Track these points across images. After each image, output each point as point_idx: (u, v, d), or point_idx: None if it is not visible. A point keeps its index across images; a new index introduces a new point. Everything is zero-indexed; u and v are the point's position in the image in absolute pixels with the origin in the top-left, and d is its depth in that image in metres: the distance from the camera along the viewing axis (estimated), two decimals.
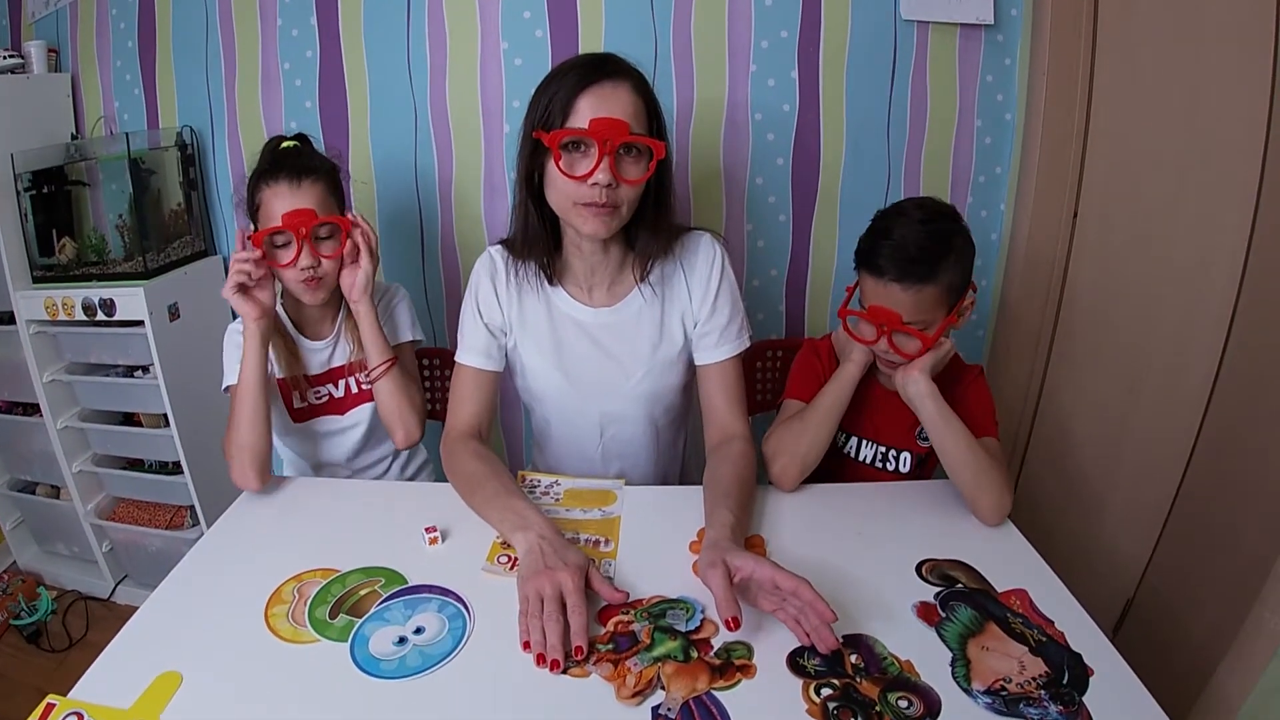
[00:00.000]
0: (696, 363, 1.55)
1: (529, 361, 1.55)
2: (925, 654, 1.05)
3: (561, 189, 1.33)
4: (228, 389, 1.58)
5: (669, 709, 0.97)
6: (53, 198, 2.24)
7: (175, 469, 2.34)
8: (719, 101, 2.11)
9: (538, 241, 1.44)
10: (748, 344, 1.55)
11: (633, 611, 1.12)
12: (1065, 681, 1.00)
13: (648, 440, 1.61)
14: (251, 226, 1.58)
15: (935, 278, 1.37)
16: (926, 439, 1.53)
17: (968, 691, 1.00)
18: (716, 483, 1.36)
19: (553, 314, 1.53)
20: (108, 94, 2.37)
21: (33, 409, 2.41)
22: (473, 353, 1.52)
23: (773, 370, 2.06)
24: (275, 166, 1.53)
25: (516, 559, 1.21)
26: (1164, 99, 1.77)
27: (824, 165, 2.16)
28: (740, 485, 1.35)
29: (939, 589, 1.18)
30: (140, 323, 2.12)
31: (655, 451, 1.64)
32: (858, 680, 1.00)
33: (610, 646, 1.06)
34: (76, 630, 2.47)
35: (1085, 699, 0.97)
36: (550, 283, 1.50)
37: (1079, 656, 1.04)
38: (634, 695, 0.98)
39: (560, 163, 1.30)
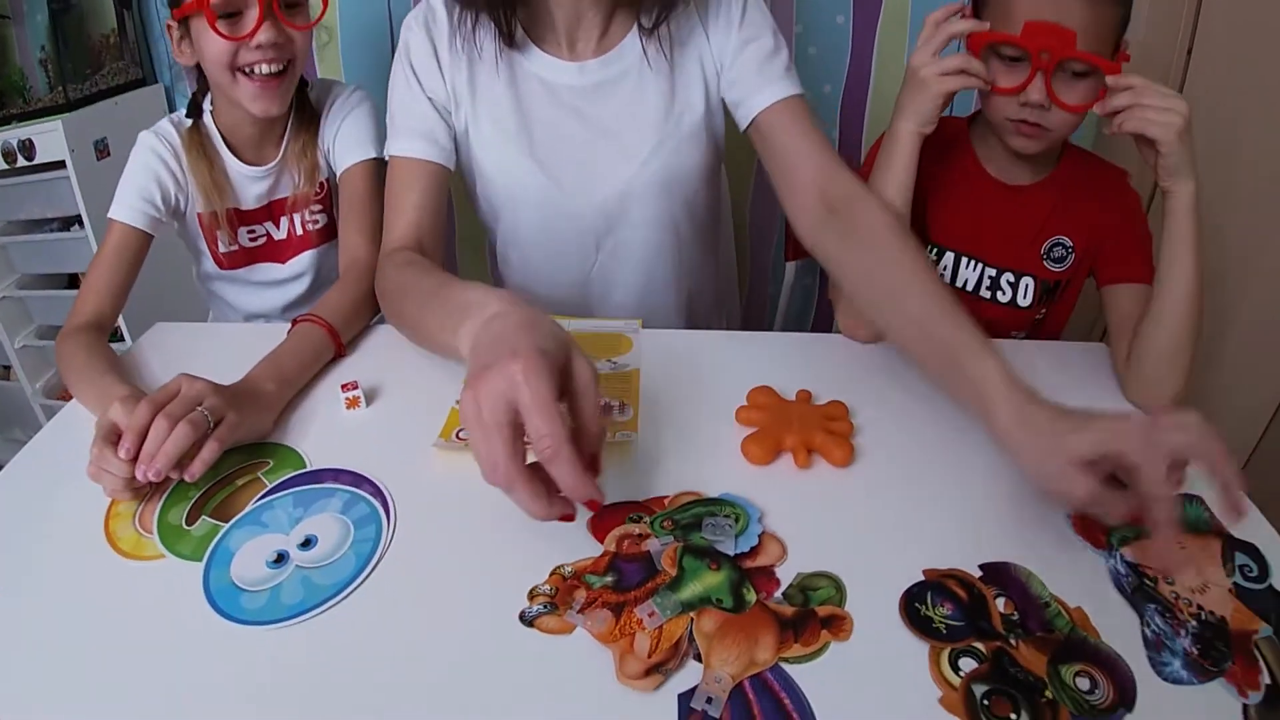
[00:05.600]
0: (745, 118, 1.14)
1: (485, 152, 1.16)
2: (1103, 598, 0.68)
3: None
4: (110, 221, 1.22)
5: (708, 699, 0.58)
6: None
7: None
8: None
9: None
10: (799, 87, 1.13)
11: (647, 518, 0.74)
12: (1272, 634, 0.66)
13: (666, 254, 1.23)
14: (177, 28, 1.17)
15: None
16: (1060, 260, 1.14)
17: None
18: (894, 286, 0.90)
19: (517, 78, 1.13)
20: None
21: None
22: (405, 137, 1.14)
23: None
24: None
25: None
26: None
27: None
28: (934, 277, 0.89)
29: None
30: (62, 163, 1.83)
31: (676, 270, 1.25)
32: (1013, 643, 0.63)
33: (609, 580, 0.68)
34: None
35: None
36: (512, 42, 1.10)
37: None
38: (647, 673, 0.59)
39: None
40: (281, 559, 0.71)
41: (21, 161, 1.87)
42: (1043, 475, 0.70)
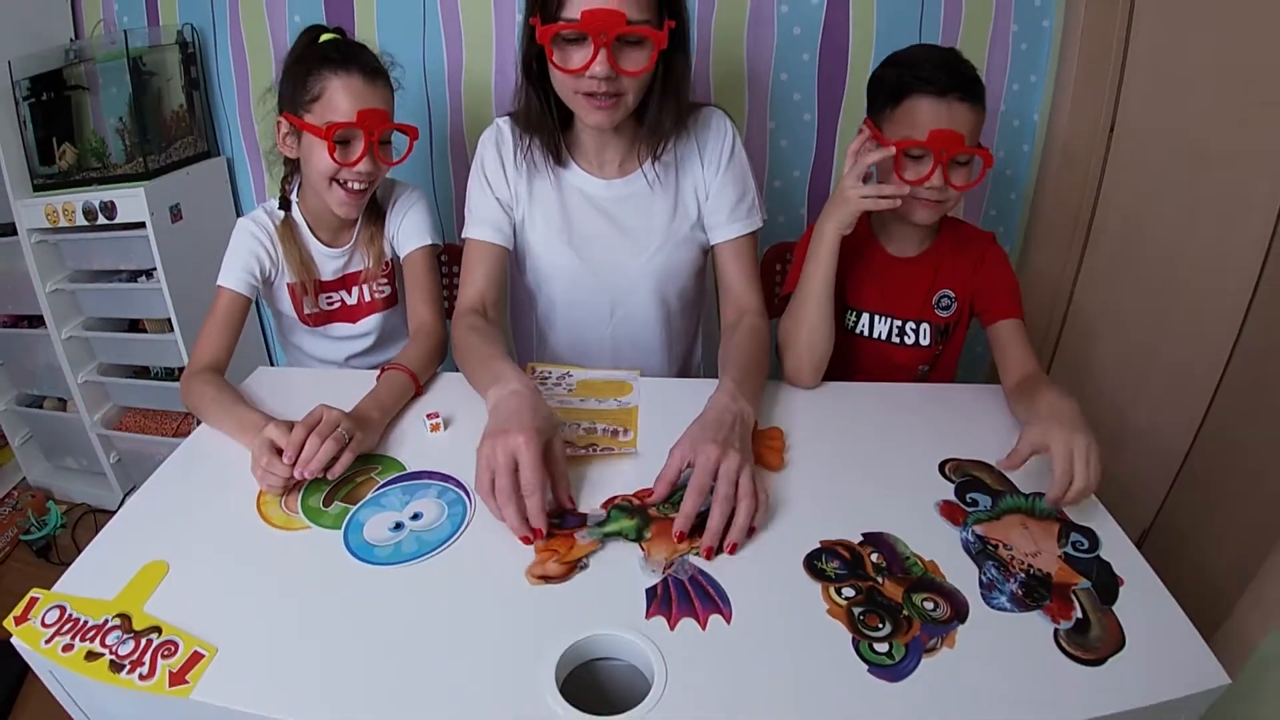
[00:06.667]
0: (710, 243, 1.51)
1: (537, 239, 1.50)
2: (950, 555, 0.99)
3: (561, 80, 1.29)
4: (220, 287, 1.50)
5: (651, 570, 0.95)
6: (52, 105, 2.17)
7: (180, 375, 2.28)
8: None
9: (543, 124, 1.39)
10: (760, 224, 1.50)
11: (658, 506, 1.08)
12: (1090, 587, 0.95)
13: (659, 324, 1.57)
14: (286, 126, 1.47)
15: (983, 96, 1.31)
16: (946, 308, 1.47)
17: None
18: (723, 357, 1.35)
19: (563, 189, 1.47)
20: None
21: (37, 321, 2.36)
22: (479, 225, 1.48)
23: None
24: (347, 58, 1.41)
25: None
26: (1209, 8, 1.68)
27: (852, 63, 2.05)
28: (743, 356, 1.32)
29: (963, 480, 1.14)
30: (142, 224, 2.07)
31: (667, 336, 1.59)
32: (880, 581, 0.95)
33: (556, 522, 1.04)
34: (86, 543, 2.41)
35: (1115, 608, 0.91)
36: (559, 161, 1.45)
37: (1108, 565, 0.98)
38: (565, 566, 0.96)
39: (554, 57, 1.24)
40: (399, 526, 1.03)
41: (101, 220, 2.08)
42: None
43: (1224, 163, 1.62)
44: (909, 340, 1.51)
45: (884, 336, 1.52)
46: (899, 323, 1.51)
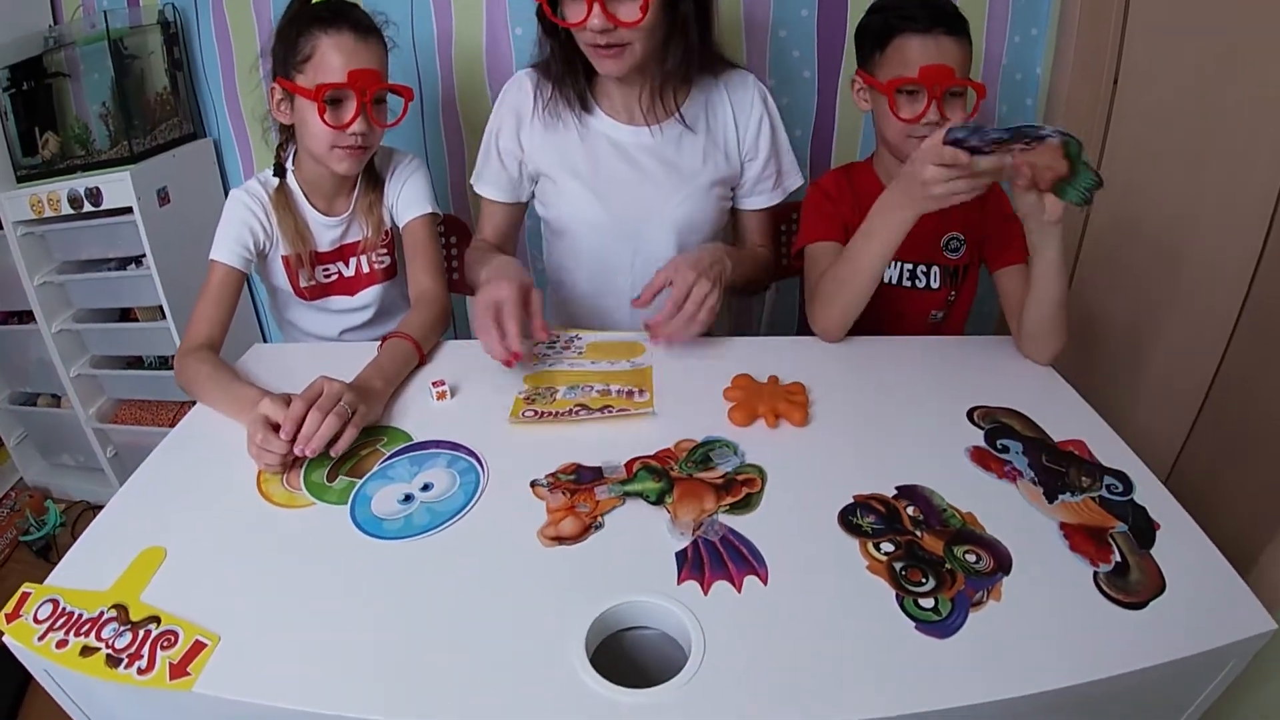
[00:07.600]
0: (740, 208, 1.59)
1: (560, 186, 1.51)
2: (987, 504, 0.96)
3: (571, 30, 1.33)
4: (213, 261, 1.45)
5: (680, 533, 0.92)
6: (33, 94, 2.12)
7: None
8: None
9: (565, 74, 1.43)
10: (800, 181, 1.60)
11: (674, 462, 1.04)
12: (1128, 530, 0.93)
13: None
14: (280, 92, 1.41)
15: (968, 30, 1.32)
16: (955, 250, 1.46)
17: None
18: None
19: (589, 136, 1.49)
20: None
21: (27, 317, 2.32)
22: (489, 186, 1.57)
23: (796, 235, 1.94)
24: (338, 15, 1.36)
25: (543, 411, 1.14)
26: None
27: (851, 17, 1.98)
28: (742, 250, 1.54)
29: (993, 426, 1.12)
30: (129, 210, 2.02)
31: None
32: (919, 535, 0.91)
33: (573, 478, 1.01)
34: None
35: (1153, 552, 0.89)
36: (586, 109, 1.47)
37: (1144, 510, 0.96)
38: (581, 525, 0.94)
39: (553, 12, 1.31)
40: (409, 499, 0.98)
41: (87, 207, 2.03)
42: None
43: (1234, 110, 1.61)
44: (920, 283, 1.50)
45: (894, 280, 1.50)
46: (909, 266, 1.49)
